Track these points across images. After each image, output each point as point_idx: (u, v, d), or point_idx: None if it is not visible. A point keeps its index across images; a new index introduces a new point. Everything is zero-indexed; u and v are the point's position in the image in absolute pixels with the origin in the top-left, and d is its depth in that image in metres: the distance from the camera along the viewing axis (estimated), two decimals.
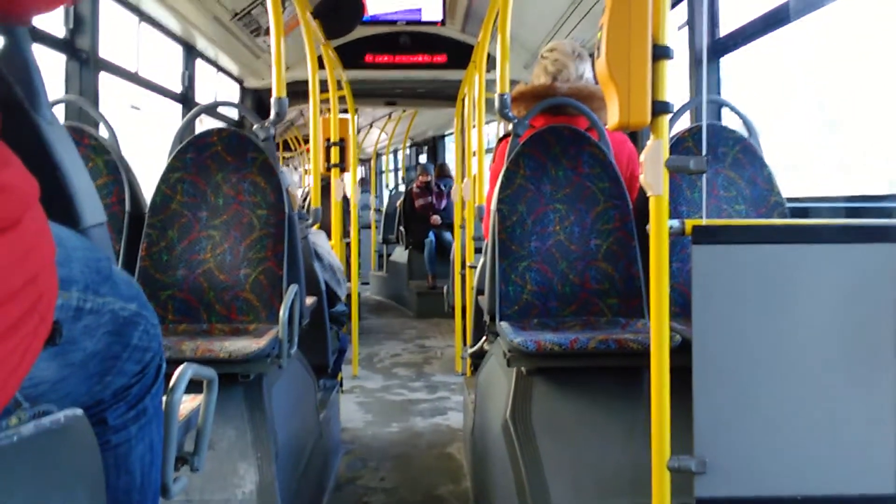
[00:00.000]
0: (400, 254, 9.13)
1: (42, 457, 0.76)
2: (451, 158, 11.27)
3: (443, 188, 8.87)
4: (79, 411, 0.84)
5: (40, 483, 0.74)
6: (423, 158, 12.56)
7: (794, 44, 2.81)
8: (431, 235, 8.48)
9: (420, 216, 8.68)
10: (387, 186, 12.54)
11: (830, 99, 2.96)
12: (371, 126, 12.01)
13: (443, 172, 9.45)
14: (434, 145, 11.94)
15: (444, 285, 8.19)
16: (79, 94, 3.28)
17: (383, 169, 13.81)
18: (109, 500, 1.08)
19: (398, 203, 9.35)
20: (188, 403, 1.46)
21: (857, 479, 1.63)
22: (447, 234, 8.51)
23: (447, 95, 6.30)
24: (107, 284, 0.99)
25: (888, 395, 1.60)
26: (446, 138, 11.85)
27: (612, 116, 1.61)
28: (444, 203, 8.76)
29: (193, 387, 1.42)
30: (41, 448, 0.75)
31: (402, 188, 11.17)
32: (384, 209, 10.60)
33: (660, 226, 1.59)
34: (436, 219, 8.62)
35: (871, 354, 1.62)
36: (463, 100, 5.44)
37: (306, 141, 12.10)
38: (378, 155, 12.25)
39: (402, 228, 8.96)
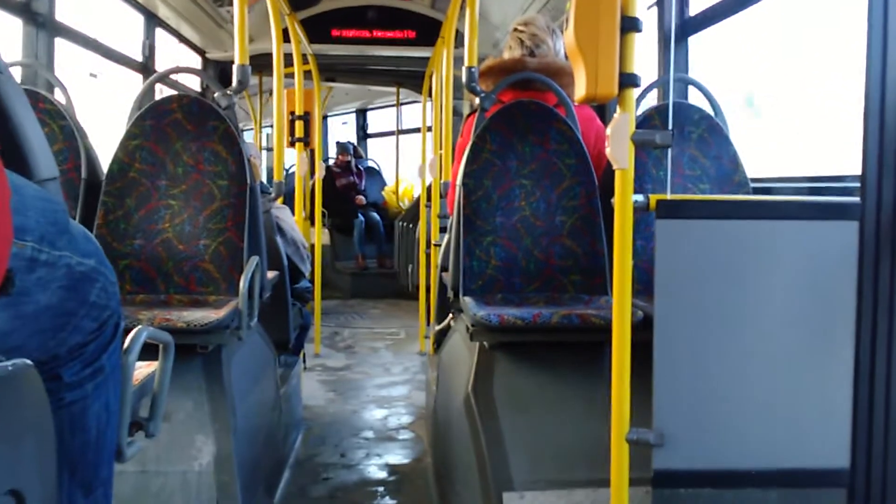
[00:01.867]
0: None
1: None
2: (332, 139, 10.92)
3: (360, 168, 8.81)
4: (28, 361, 0.81)
5: None
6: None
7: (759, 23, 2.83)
8: (360, 216, 8.43)
9: (343, 196, 8.58)
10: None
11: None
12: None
13: (355, 153, 9.37)
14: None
15: (372, 265, 8.17)
16: (35, 58, 3.18)
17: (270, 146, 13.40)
18: (64, 458, 1.06)
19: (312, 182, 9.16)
20: (144, 369, 1.42)
21: (812, 453, 1.66)
22: (374, 214, 8.47)
23: (415, 73, 6.25)
24: (64, 237, 0.96)
25: (845, 370, 1.62)
26: (329, 119, 11.63)
27: (580, 88, 1.60)
28: (363, 183, 8.72)
29: (150, 354, 1.39)
30: None
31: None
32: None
33: (624, 199, 1.59)
34: (361, 199, 8.55)
35: (830, 330, 1.64)
36: (431, 76, 5.41)
37: None
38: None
39: (323, 209, 8.85)
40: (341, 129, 11.37)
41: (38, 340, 0.98)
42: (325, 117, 11.31)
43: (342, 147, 8.89)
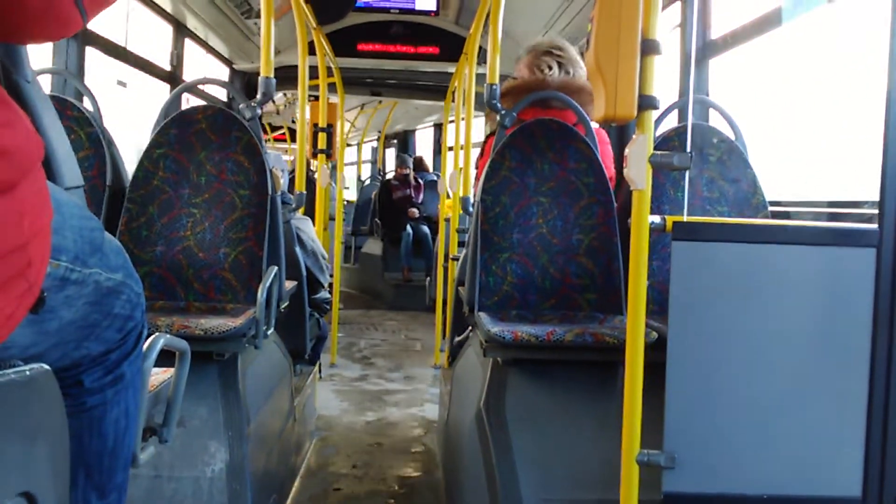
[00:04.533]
0: (373, 245, 9.05)
1: (3, 408, 0.74)
2: (420, 153, 11.09)
3: (420, 181, 8.86)
4: (44, 366, 0.82)
5: (1, 433, 0.73)
6: (391, 152, 12.44)
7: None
8: (409, 228, 8.46)
9: (398, 208, 8.64)
10: (359, 178, 12.46)
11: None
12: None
13: (420, 166, 9.40)
14: (405, 139, 11.86)
15: (419, 278, 8.22)
16: (65, 67, 3.24)
17: (355, 160, 13.68)
18: (81, 462, 1.08)
19: (374, 194, 9.31)
20: (160, 375, 1.44)
21: (824, 481, 1.64)
22: (424, 227, 8.49)
23: (438, 88, 6.28)
24: (96, 255, 0.97)
25: (859, 398, 1.62)
26: (417, 132, 11.75)
27: (599, 109, 1.62)
28: (421, 196, 8.76)
29: (167, 361, 1.41)
30: (3, 399, 0.74)
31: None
32: (355, 200, 10.56)
33: (641, 220, 1.60)
34: (413, 211, 8.58)
35: (844, 357, 1.63)
36: (453, 93, 5.43)
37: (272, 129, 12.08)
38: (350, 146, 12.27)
39: (377, 220, 8.90)
40: (428, 143, 11.48)
41: (61, 351, 0.99)
42: (413, 131, 11.43)
43: (401, 160, 8.96)
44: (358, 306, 8.13)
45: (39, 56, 3.23)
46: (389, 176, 9.76)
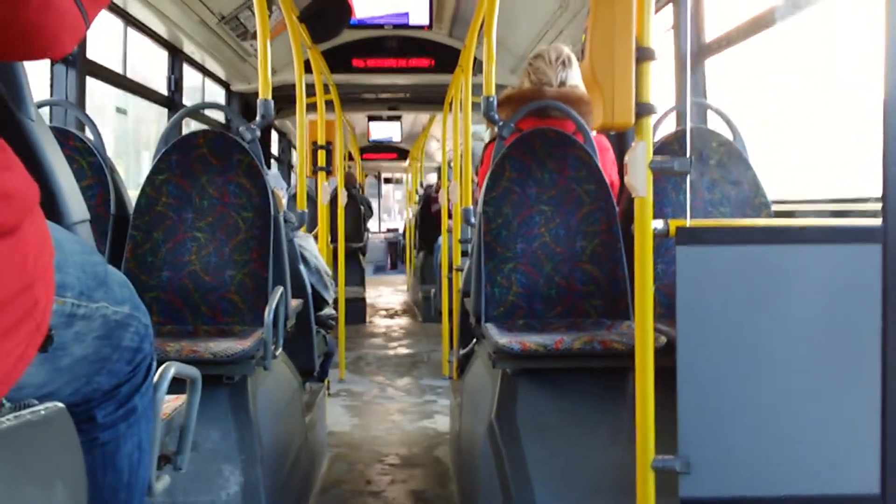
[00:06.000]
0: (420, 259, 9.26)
1: (21, 449, 0.75)
2: None
3: None
4: (59, 405, 0.82)
5: (18, 476, 0.73)
6: None
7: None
8: (440, 241, 8.44)
9: (435, 221, 8.66)
10: (416, 191, 12.53)
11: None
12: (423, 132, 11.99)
13: None
14: None
15: None
16: (65, 97, 3.26)
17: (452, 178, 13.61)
18: (96, 498, 1.07)
19: (419, 207, 9.50)
20: (171, 403, 1.45)
21: (841, 479, 1.64)
22: None
23: (435, 100, 6.30)
24: (101, 289, 0.98)
25: (872, 395, 1.61)
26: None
27: (597, 118, 1.62)
28: None
29: (177, 387, 1.42)
30: (20, 440, 0.74)
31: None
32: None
33: (644, 227, 1.60)
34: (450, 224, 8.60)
35: (855, 355, 1.63)
36: (450, 104, 5.45)
37: None
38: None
39: (418, 233, 9.00)
40: None
41: (73, 387, 0.99)
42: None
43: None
44: (401, 315, 8.37)
45: (37, 88, 3.24)
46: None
